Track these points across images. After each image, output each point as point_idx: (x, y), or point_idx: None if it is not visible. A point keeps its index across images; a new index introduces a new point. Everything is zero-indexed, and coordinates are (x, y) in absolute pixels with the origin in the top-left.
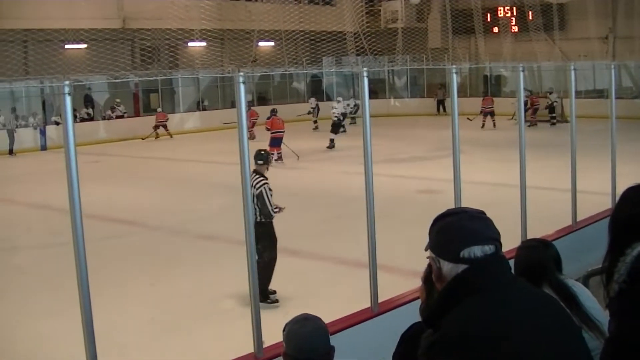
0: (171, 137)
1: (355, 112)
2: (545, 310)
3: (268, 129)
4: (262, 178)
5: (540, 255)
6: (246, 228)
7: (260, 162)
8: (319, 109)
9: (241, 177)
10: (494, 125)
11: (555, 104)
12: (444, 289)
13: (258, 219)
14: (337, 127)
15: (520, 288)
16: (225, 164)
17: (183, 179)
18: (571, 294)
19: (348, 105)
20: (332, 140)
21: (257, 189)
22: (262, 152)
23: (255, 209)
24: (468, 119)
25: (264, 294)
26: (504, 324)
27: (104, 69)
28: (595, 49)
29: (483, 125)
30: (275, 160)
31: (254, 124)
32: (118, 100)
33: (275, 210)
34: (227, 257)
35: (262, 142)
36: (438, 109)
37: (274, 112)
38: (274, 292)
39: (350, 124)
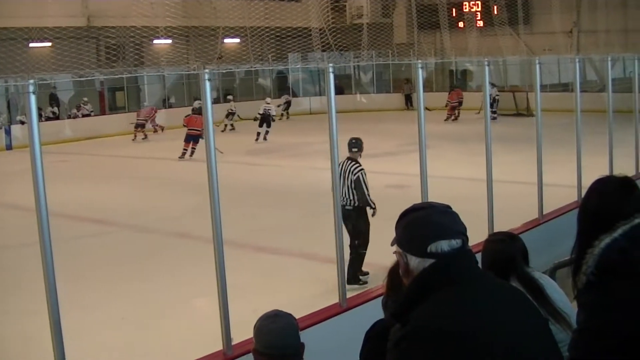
0: (162, 130)
1: (286, 109)
2: (513, 303)
3: (185, 125)
4: (357, 164)
5: (507, 249)
6: (214, 224)
7: (355, 149)
8: (289, 105)
9: (208, 173)
10: (457, 116)
11: (497, 97)
12: (411, 283)
13: (356, 204)
14: (265, 121)
15: (487, 281)
16: (193, 161)
17: (152, 177)
18: (538, 286)
19: (279, 106)
20: (259, 134)
21: (354, 175)
22: (354, 140)
23: (351, 195)
24: (427, 108)
25: (355, 278)
26: (471, 317)
27: (69, 68)
28: (560, 43)
29: (447, 118)
30: (180, 157)
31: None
32: (85, 99)
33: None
34: (199, 256)
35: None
36: (406, 104)
37: (194, 111)
38: (367, 273)
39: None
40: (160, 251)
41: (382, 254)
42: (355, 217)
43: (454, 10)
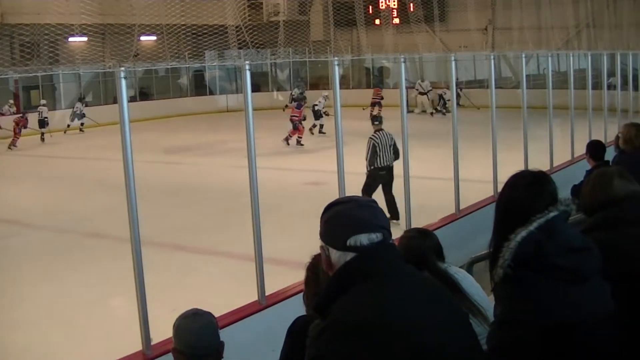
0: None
1: None
2: (434, 296)
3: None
4: (390, 133)
5: (417, 245)
6: (131, 222)
7: (376, 122)
8: None
9: (124, 172)
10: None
11: (444, 95)
12: (332, 276)
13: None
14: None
15: (408, 275)
16: (109, 161)
17: (67, 176)
18: (453, 281)
19: None
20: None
21: (392, 140)
22: (379, 116)
23: (392, 154)
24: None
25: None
26: (392, 310)
27: None
28: (475, 40)
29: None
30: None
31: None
32: (11, 101)
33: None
34: (115, 256)
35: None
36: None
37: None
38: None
39: None
40: (74, 251)
41: (300, 250)
42: (392, 171)
43: (370, 7)
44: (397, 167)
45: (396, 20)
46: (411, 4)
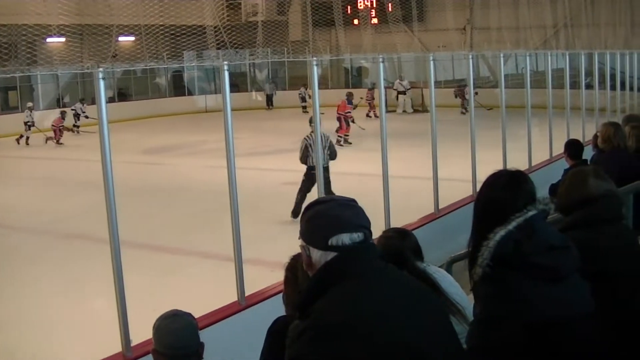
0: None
1: None
2: (415, 296)
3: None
4: (327, 134)
5: (394, 245)
6: (110, 222)
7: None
8: None
9: (103, 173)
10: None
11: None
12: (313, 276)
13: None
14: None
15: (389, 275)
16: (89, 161)
17: (46, 177)
18: (431, 280)
19: None
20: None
21: (327, 141)
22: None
23: (325, 155)
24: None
25: None
26: (372, 310)
27: None
28: (454, 39)
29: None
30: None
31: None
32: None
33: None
34: (94, 256)
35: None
36: (267, 104)
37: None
38: None
39: None
40: (53, 252)
41: (279, 250)
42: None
43: (348, 7)
44: (373, 166)
45: (375, 20)
46: (389, 4)
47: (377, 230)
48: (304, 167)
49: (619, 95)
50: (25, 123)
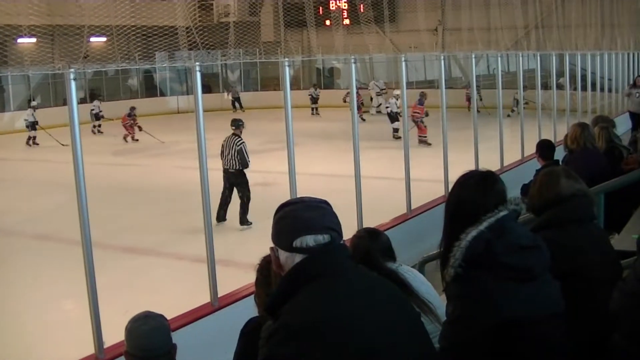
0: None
1: None
2: (385, 296)
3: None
4: (240, 138)
5: (363, 244)
6: (82, 223)
7: (233, 127)
8: None
9: (74, 174)
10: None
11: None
12: (282, 278)
13: (239, 168)
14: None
15: (359, 275)
16: (58, 162)
17: (15, 179)
18: (401, 280)
19: None
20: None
21: (238, 146)
22: (236, 120)
23: (235, 162)
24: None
25: (246, 220)
26: (341, 310)
27: None
28: (425, 40)
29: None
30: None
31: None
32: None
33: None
34: (64, 257)
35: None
36: (234, 106)
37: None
38: (251, 223)
39: None
40: (22, 253)
41: (251, 251)
42: (237, 177)
43: (320, 8)
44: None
45: (346, 21)
46: (361, 5)
47: (348, 231)
48: (274, 168)
49: (590, 96)
50: (31, 123)
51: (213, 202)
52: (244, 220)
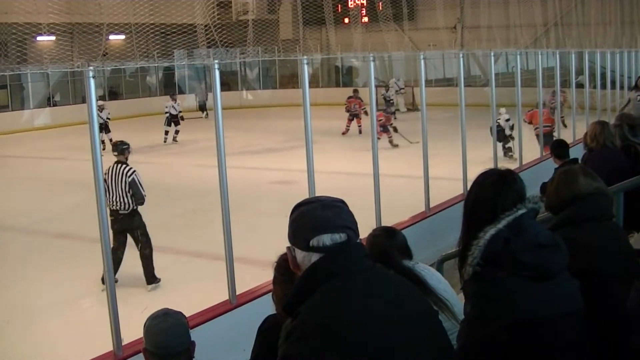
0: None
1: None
2: (402, 295)
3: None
4: (129, 167)
5: (380, 243)
6: (100, 222)
7: (115, 152)
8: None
9: (93, 173)
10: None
11: None
12: (300, 277)
13: (134, 207)
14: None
15: (376, 274)
16: (78, 161)
17: (35, 177)
18: (418, 277)
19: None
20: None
21: (129, 177)
22: (118, 143)
23: (127, 198)
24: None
25: (151, 277)
26: (358, 309)
27: None
28: (444, 38)
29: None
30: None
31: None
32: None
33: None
34: (83, 256)
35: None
36: (202, 109)
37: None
38: (159, 280)
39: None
40: (42, 252)
41: (270, 249)
42: (131, 220)
43: (339, 6)
44: (365, 166)
45: (365, 19)
46: (380, 3)
47: (366, 229)
48: (293, 166)
49: (609, 94)
50: (173, 116)
51: (231, 200)
52: (151, 279)
